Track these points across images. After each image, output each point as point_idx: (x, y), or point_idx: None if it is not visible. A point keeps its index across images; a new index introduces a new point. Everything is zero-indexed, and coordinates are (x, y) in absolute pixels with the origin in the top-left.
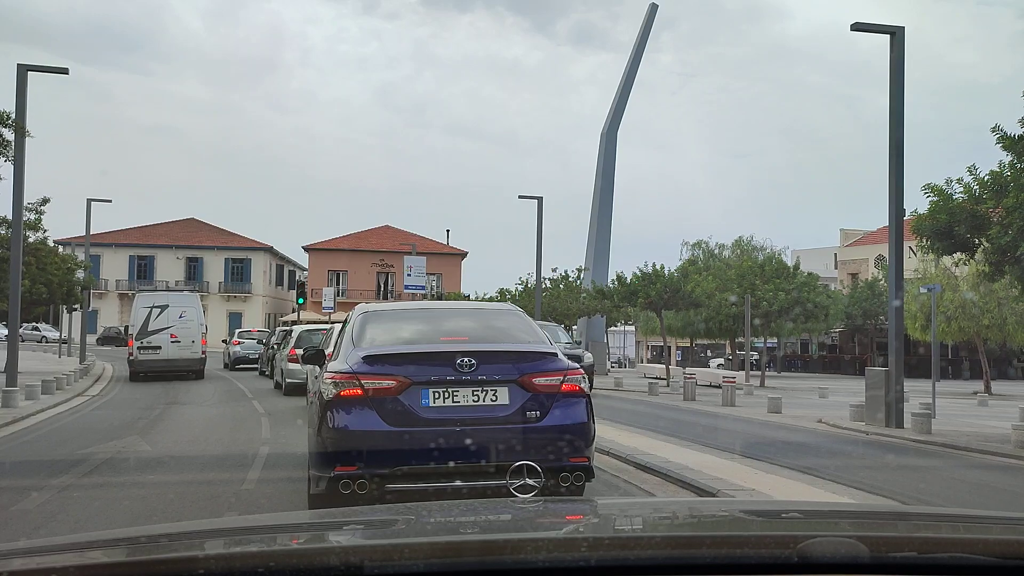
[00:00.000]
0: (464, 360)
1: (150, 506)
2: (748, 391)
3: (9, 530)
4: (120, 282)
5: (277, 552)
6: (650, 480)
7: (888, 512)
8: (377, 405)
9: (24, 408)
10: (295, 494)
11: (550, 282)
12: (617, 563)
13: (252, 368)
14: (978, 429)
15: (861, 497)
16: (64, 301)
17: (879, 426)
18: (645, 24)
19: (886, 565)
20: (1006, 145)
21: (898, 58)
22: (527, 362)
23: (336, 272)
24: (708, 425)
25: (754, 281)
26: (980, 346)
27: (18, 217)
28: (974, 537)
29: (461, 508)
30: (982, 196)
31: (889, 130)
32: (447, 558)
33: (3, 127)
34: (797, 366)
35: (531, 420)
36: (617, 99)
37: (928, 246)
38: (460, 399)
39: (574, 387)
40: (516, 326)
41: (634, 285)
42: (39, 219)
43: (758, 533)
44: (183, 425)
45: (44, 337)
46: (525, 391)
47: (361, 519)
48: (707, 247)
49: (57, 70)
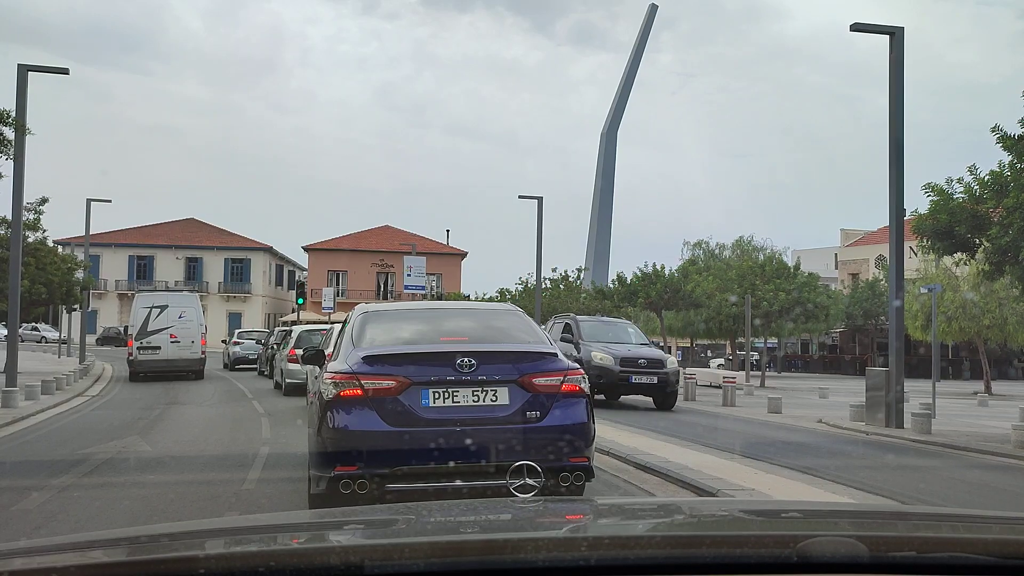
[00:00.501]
0: (464, 360)
1: (150, 506)
2: (748, 391)
3: (9, 530)
4: (120, 282)
5: (277, 552)
6: (650, 480)
7: (887, 512)
8: (377, 405)
9: (24, 408)
10: (295, 494)
11: (550, 282)
12: (617, 563)
13: (251, 368)
14: (978, 429)
15: (861, 497)
16: (64, 301)
17: (879, 426)
18: (645, 24)
19: (885, 564)
20: (1006, 145)
21: (897, 58)
22: (527, 362)
23: (336, 272)
24: (708, 425)
25: (754, 281)
26: (980, 346)
27: (18, 217)
28: (973, 537)
29: (461, 508)
30: (982, 196)
31: (889, 130)
32: (447, 557)
33: (3, 126)
34: (797, 366)
35: (531, 420)
36: (617, 99)
37: (929, 246)
38: (460, 399)
39: (574, 387)
40: (516, 326)
41: (634, 285)
42: (38, 219)
43: (758, 533)
44: (183, 425)
45: (44, 337)
46: (525, 391)
47: (361, 519)
48: (707, 247)
49: (57, 70)
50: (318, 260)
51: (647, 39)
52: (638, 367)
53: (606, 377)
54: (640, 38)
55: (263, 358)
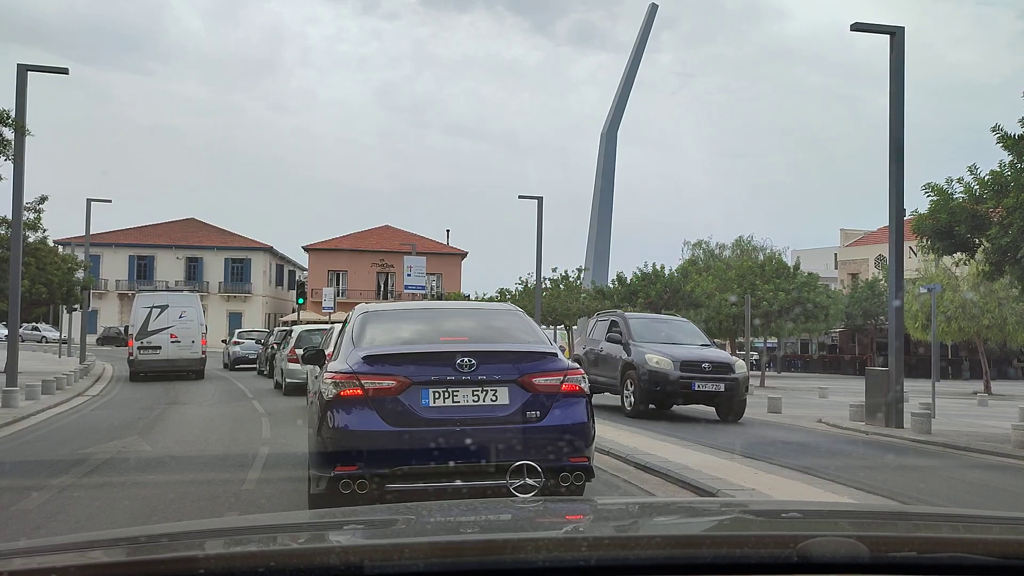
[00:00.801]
0: (464, 360)
1: (150, 506)
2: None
3: (9, 530)
4: (120, 282)
5: (277, 552)
6: (650, 480)
7: (888, 512)
8: (377, 405)
9: (24, 408)
10: (295, 494)
11: (550, 282)
12: (617, 563)
13: (251, 368)
14: (978, 429)
15: (862, 497)
16: (64, 301)
17: (879, 426)
18: (645, 24)
19: (886, 565)
20: (1006, 145)
21: (898, 58)
22: (527, 362)
23: (336, 272)
24: (708, 425)
25: (754, 281)
26: (980, 346)
27: (18, 216)
28: (974, 537)
29: (461, 508)
30: (982, 196)
31: (889, 130)
32: (447, 558)
33: (3, 126)
34: (797, 366)
35: (531, 420)
36: (617, 99)
37: (928, 246)
38: (460, 399)
39: (574, 387)
40: (516, 326)
41: (634, 285)
42: (38, 219)
43: (758, 533)
44: (183, 425)
45: (44, 337)
46: (525, 391)
47: (361, 519)
48: (707, 247)
49: (57, 70)
50: (318, 260)
51: (647, 39)
52: (702, 372)
53: (664, 384)
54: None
55: (262, 358)
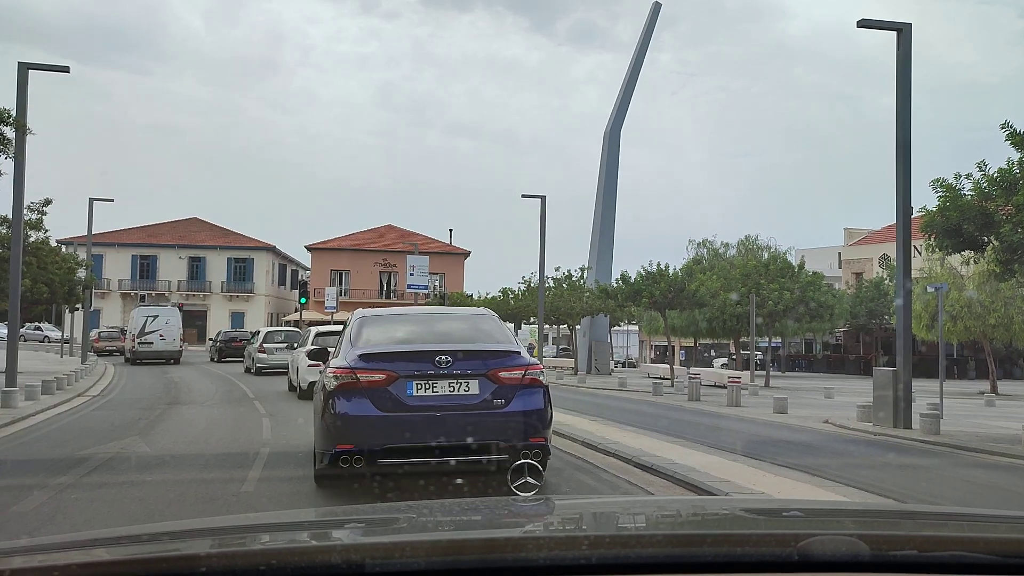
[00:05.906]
0: (442, 357)
1: (150, 506)
2: (753, 391)
3: (9, 530)
4: (123, 281)
5: (279, 550)
6: (656, 482)
7: (889, 510)
8: (370, 394)
9: (24, 408)
10: (295, 494)
11: (553, 281)
12: (618, 561)
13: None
14: (987, 430)
15: (872, 500)
16: (65, 301)
17: (886, 426)
18: (648, 23)
19: (887, 563)
20: (1015, 142)
21: (905, 55)
22: (495, 359)
23: (338, 272)
24: (713, 426)
25: (758, 280)
26: (986, 346)
27: (19, 216)
28: (975, 535)
29: (462, 506)
30: (991, 193)
31: (896, 127)
32: (448, 556)
33: (4, 125)
34: (801, 366)
35: (497, 407)
36: (620, 98)
37: (937, 244)
38: (439, 389)
39: (534, 379)
40: (488, 329)
41: (638, 284)
42: (41, 219)
43: (759, 531)
44: (183, 425)
45: (46, 337)
46: (492, 383)
47: (362, 517)
48: (712, 246)
49: (58, 68)
50: (321, 259)
51: (651, 38)
52: None
53: None
54: (643, 37)
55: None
